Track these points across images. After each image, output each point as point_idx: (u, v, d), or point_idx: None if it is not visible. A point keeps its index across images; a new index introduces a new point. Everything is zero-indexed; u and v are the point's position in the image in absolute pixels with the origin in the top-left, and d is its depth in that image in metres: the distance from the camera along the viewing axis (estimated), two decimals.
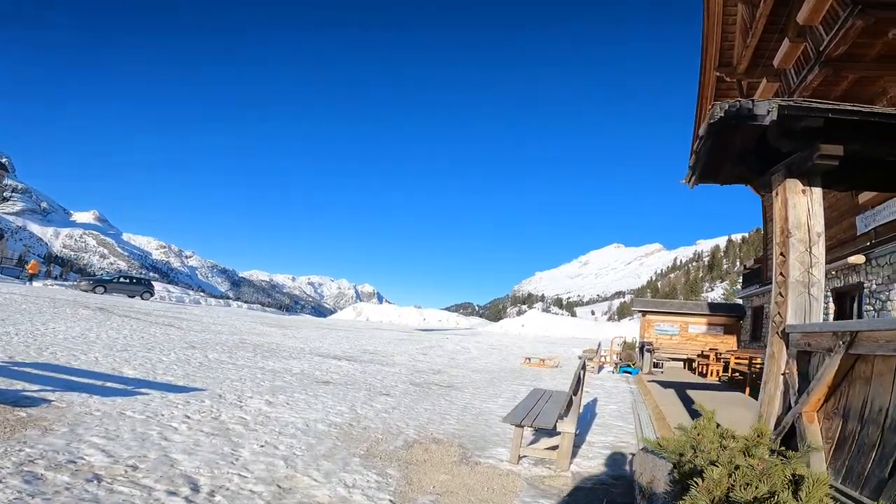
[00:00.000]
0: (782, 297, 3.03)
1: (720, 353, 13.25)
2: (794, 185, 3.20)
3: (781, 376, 2.94)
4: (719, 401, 7.91)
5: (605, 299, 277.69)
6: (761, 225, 17.24)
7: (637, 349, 14.05)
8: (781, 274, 3.08)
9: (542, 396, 5.07)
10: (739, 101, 3.04)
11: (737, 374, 11.35)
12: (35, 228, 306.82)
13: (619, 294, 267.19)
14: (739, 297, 17.38)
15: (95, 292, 29.55)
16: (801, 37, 8.88)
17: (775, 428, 2.90)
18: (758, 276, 16.39)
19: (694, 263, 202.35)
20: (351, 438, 4.33)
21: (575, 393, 4.12)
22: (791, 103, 2.82)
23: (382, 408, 5.67)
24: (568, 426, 3.97)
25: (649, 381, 10.58)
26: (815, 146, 2.98)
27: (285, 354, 9.37)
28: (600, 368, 13.57)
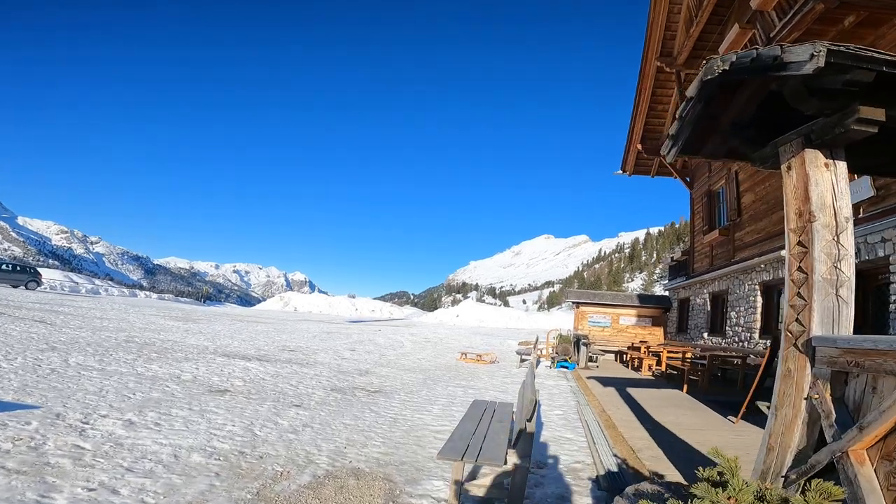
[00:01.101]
0: (803, 299, 2.35)
1: (650, 347, 13.31)
2: (814, 158, 2.53)
3: (804, 401, 2.27)
4: (660, 400, 7.55)
5: (536, 289, 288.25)
6: (680, 218, 17.71)
7: (573, 343, 13.80)
8: (801, 269, 2.40)
9: (486, 412, 4.21)
10: (757, 48, 2.29)
11: (670, 369, 11.35)
12: None
13: (549, 284, 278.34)
14: (666, 289, 17.85)
15: None
16: (751, 23, 8.74)
17: (795, 465, 2.24)
18: (684, 268, 16.81)
19: (616, 255, 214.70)
20: (238, 474, 3.22)
21: (529, 419, 3.26)
22: (842, 48, 2.10)
23: (290, 425, 4.55)
24: (522, 458, 3.12)
25: (588, 378, 10.21)
26: (852, 108, 2.31)
27: (179, 356, 7.85)
28: (538, 363, 13.16)
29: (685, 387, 8.59)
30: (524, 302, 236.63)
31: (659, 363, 12.18)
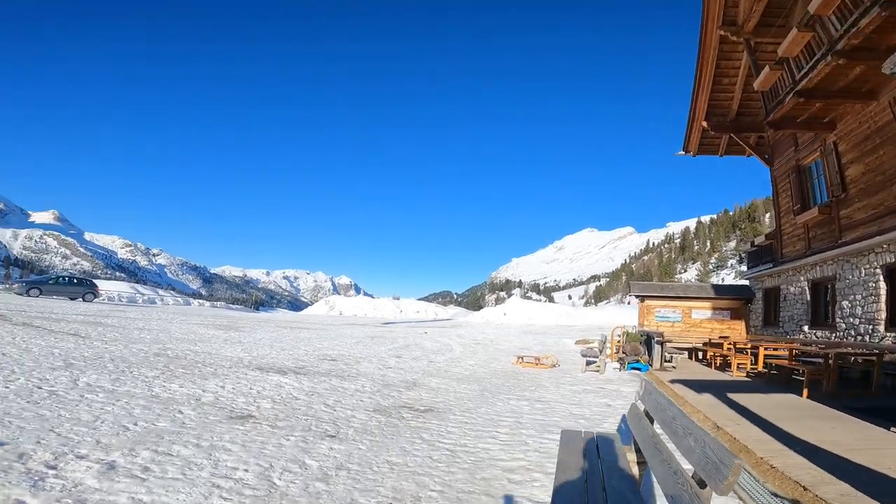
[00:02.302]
0: None
1: (736, 343, 11.54)
2: None
3: None
4: (783, 409, 5.98)
5: (581, 283, 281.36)
6: (734, 205, 15.72)
7: (642, 341, 12.22)
8: None
9: (587, 454, 2.95)
10: None
11: (770, 368, 9.62)
12: None
13: (595, 278, 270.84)
14: (745, 278, 15.82)
15: (30, 295, 26.49)
16: (809, 26, 7.72)
17: None
18: (768, 253, 14.74)
19: (666, 245, 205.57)
20: None
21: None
22: None
23: (320, 468, 3.50)
24: None
25: (671, 382, 8.68)
26: None
27: (207, 371, 7.04)
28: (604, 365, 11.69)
29: (805, 391, 6.97)
30: (569, 297, 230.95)
31: (754, 362, 10.46)
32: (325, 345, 13.04)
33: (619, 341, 12.86)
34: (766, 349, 9.88)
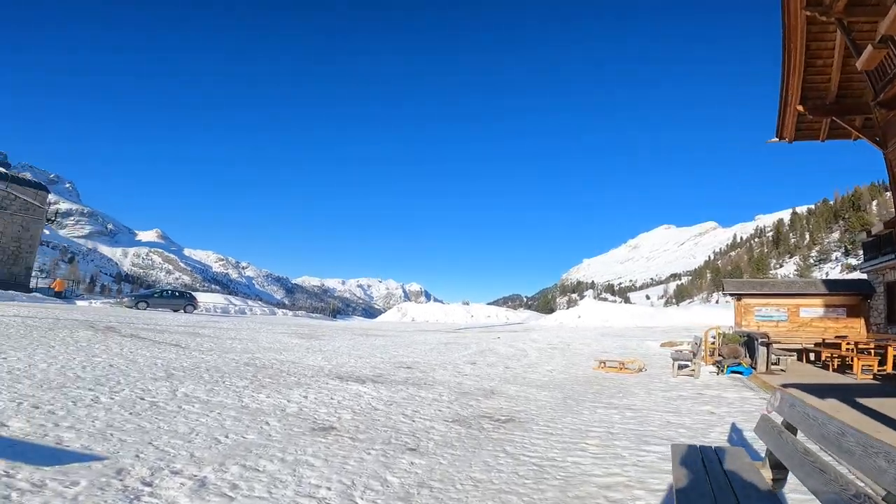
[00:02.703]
0: None
1: (858, 343, 10.08)
2: None
3: None
4: None
5: (660, 283, 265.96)
6: (834, 193, 13.73)
7: (742, 342, 11.05)
8: None
9: (709, 471, 2.53)
10: None
11: None
12: (105, 250, 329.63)
13: (675, 276, 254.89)
14: (864, 271, 13.89)
15: (138, 308, 29.32)
16: (883, 44, 6.63)
17: None
18: (889, 243, 12.85)
19: (756, 240, 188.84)
20: None
21: None
22: None
23: (402, 485, 3.36)
24: None
25: (784, 387, 7.69)
26: None
27: (291, 380, 7.25)
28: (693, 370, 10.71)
29: None
30: (647, 297, 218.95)
31: (881, 363, 9.06)
32: (399, 352, 13.15)
33: (713, 343, 11.75)
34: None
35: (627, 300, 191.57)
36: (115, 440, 3.54)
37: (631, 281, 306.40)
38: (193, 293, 37.72)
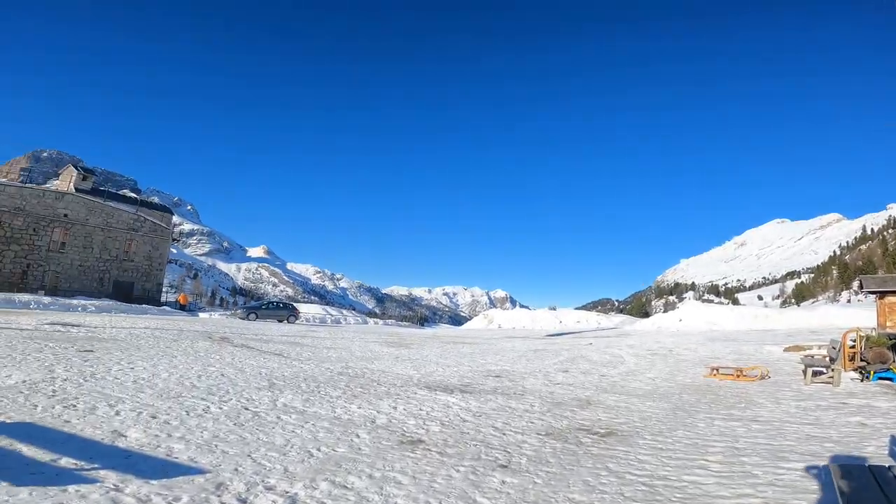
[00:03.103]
0: None
1: None
2: None
3: None
4: None
5: (774, 282, 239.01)
6: None
7: (890, 345, 9.34)
8: None
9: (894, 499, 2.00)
10: None
11: None
12: (222, 266, 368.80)
13: (793, 274, 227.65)
14: None
15: (249, 319, 32.11)
16: None
17: None
18: None
19: (891, 231, 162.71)
20: None
21: None
22: None
23: None
24: None
25: None
26: None
27: (381, 390, 7.33)
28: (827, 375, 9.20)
29: None
30: (760, 298, 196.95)
31: None
32: (487, 360, 12.92)
33: (853, 347, 10.07)
34: None
35: (735, 301, 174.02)
36: (218, 452, 3.71)
37: (739, 281, 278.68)
38: (295, 304, 40.64)
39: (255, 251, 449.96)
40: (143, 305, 31.12)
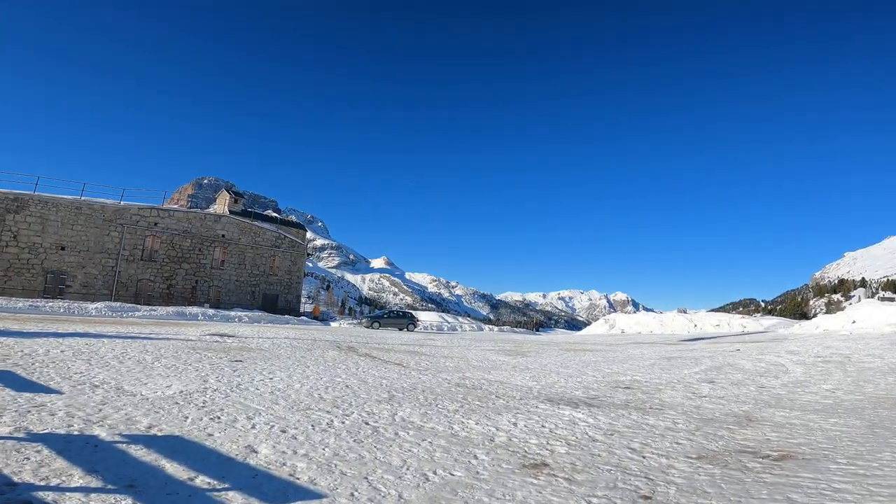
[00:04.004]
0: None
1: None
2: None
3: None
4: None
5: None
6: None
7: None
8: None
9: None
10: None
11: None
12: (349, 277, 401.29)
13: None
14: None
15: (373, 328, 34.08)
16: None
17: None
18: None
19: None
20: None
21: None
22: None
23: None
24: None
25: None
26: None
27: (500, 403, 6.97)
28: None
29: None
30: None
31: None
32: (614, 369, 11.86)
33: None
34: None
35: None
36: (336, 473, 3.66)
37: None
38: (413, 312, 42.29)
39: (377, 262, 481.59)
40: (286, 316, 34.79)
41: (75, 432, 4.19)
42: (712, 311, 72.10)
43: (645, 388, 8.85)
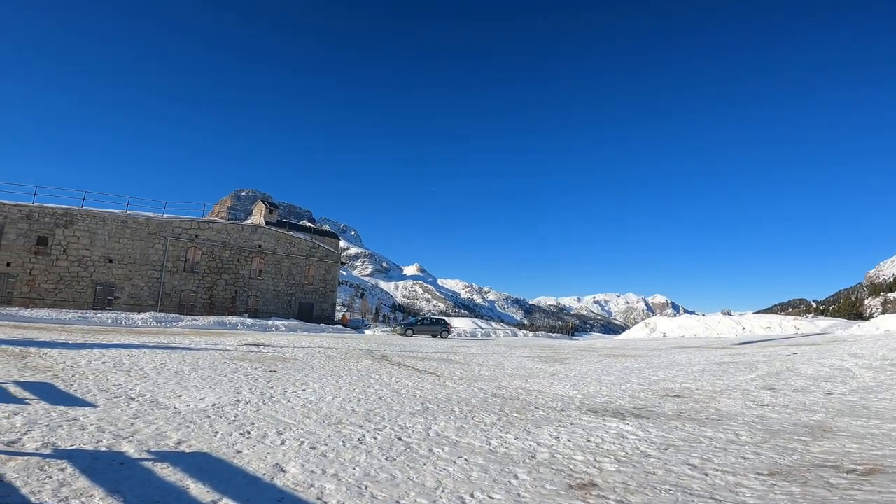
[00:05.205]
0: None
1: None
2: None
3: None
4: None
5: None
6: None
7: None
8: None
9: None
10: None
11: None
12: (383, 285, 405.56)
13: None
14: None
15: (406, 335, 34.01)
16: None
17: None
18: None
19: None
20: None
21: None
22: None
23: None
24: None
25: None
26: None
27: (540, 415, 6.56)
28: None
29: None
30: None
31: None
32: (660, 375, 11.18)
33: None
34: None
35: None
36: (367, 496, 3.37)
37: None
38: (446, 319, 42.03)
39: (410, 269, 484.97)
40: (321, 325, 35.21)
41: (103, 448, 4.09)
42: (759, 312, 68.54)
43: (697, 396, 8.23)
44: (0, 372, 7.48)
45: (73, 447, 4.05)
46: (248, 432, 4.90)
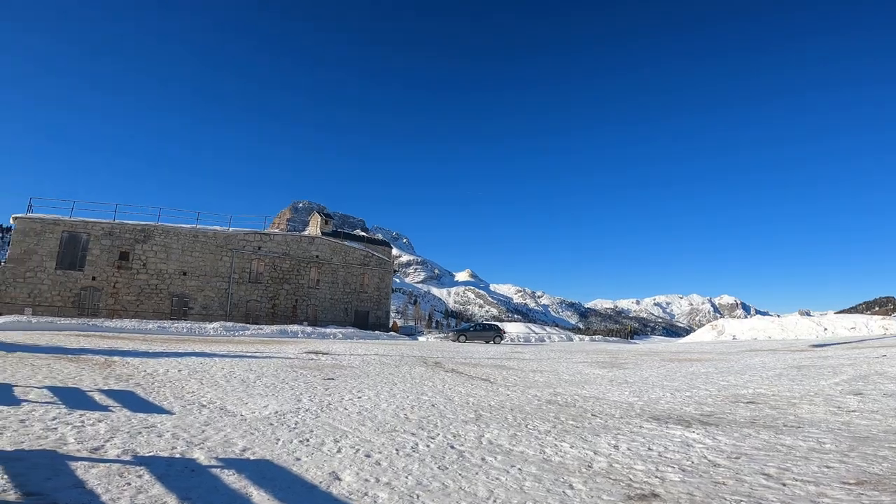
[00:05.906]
0: None
1: None
2: None
3: None
4: None
5: None
6: None
7: None
8: None
9: None
10: None
11: None
12: (435, 291, 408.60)
13: None
14: None
15: (459, 341, 34.00)
16: None
17: None
18: None
19: None
20: None
21: None
22: None
23: None
24: None
25: None
26: None
27: (597, 423, 6.33)
28: None
29: None
30: None
31: None
32: (730, 381, 10.49)
33: None
34: None
35: None
36: None
37: None
38: (500, 324, 41.64)
39: (461, 275, 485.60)
40: (376, 332, 35.97)
41: (177, 455, 4.38)
42: (841, 312, 62.68)
43: (773, 402, 7.65)
44: (87, 381, 8.20)
45: (151, 454, 4.36)
46: (307, 440, 5.08)
